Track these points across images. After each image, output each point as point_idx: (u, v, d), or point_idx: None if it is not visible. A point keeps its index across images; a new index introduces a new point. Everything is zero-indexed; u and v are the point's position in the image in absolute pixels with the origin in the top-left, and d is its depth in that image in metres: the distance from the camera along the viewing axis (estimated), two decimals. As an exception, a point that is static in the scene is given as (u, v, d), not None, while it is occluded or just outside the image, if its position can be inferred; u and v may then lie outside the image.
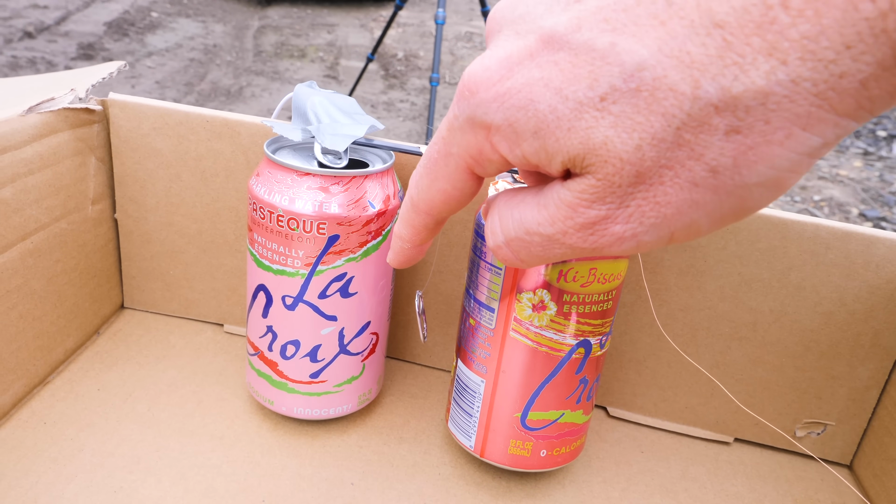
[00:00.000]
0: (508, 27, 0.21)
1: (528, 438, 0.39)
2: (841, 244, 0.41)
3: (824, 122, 0.16)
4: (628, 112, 0.18)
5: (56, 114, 0.42)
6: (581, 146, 0.19)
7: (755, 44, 0.16)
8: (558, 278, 0.35)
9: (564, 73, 0.19)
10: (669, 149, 0.18)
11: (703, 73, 0.17)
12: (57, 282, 0.44)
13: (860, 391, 0.44)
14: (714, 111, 0.17)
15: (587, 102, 0.18)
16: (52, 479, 0.37)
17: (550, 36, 0.19)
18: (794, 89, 0.16)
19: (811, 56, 0.15)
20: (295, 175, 0.37)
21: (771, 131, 0.17)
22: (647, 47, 0.17)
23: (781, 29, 0.16)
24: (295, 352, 0.40)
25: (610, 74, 0.18)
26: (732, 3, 0.16)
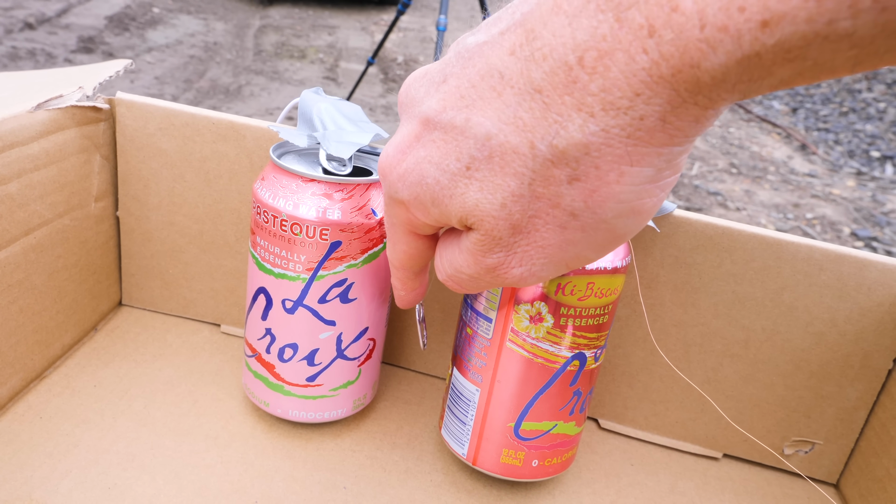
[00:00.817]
0: (404, 112, 0.24)
1: (520, 448, 0.39)
2: (834, 266, 0.41)
3: (647, 155, 0.19)
4: (488, 176, 0.21)
5: (64, 111, 0.42)
6: (461, 209, 0.22)
7: (567, 102, 0.18)
8: (556, 291, 0.35)
9: (440, 149, 0.22)
10: (530, 202, 0.20)
11: (534, 134, 0.19)
12: (57, 277, 0.44)
13: (848, 411, 0.45)
14: (552, 165, 0.19)
15: (458, 173, 0.21)
16: (47, 474, 0.37)
17: (427, 118, 0.22)
18: (607, 137, 0.18)
19: (611, 106, 0.18)
20: (300, 181, 0.37)
21: (604, 174, 0.19)
22: (489, 118, 0.20)
23: (583, 86, 0.18)
24: (293, 355, 0.40)
25: (469, 147, 0.21)
26: (544, 69, 0.18)
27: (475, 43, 0.21)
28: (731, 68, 0.16)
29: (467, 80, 0.21)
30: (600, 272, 0.36)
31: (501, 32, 0.20)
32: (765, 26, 0.15)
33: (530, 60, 0.19)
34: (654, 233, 0.43)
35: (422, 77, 0.24)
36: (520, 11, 0.20)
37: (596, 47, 0.17)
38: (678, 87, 0.17)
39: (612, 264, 0.36)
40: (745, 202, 2.43)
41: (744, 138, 3.16)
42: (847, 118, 3.44)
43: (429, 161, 0.22)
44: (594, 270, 0.35)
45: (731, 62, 0.16)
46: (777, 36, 0.15)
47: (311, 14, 4.61)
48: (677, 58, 0.16)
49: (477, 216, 0.22)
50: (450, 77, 0.22)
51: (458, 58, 0.22)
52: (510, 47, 0.20)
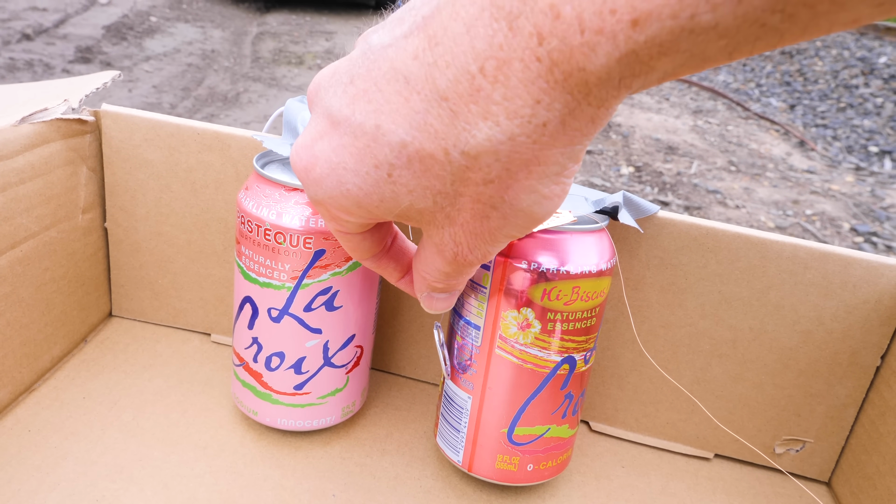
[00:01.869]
0: (313, 108, 0.24)
1: (514, 453, 0.39)
2: (819, 264, 0.41)
3: (551, 155, 0.20)
4: (413, 181, 0.21)
5: (49, 124, 0.43)
6: (397, 210, 0.23)
7: (474, 111, 0.19)
8: (542, 297, 0.36)
9: (353, 155, 0.22)
10: (455, 198, 0.21)
11: (446, 141, 0.20)
12: (45, 290, 0.44)
13: (838, 409, 0.45)
14: (466, 169, 0.20)
15: (380, 179, 0.22)
16: (35, 487, 0.37)
17: (333, 118, 0.22)
18: (514, 144, 0.19)
19: (514, 115, 0.18)
20: (283, 190, 0.37)
21: (514, 174, 0.20)
22: (400, 126, 0.20)
23: (487, 95, 0.18)
24: (280, 363, 0.40)
25: (385, 154, 0.21)
26: (448, 76, 0.19)
27: (379, 44, 0.21)
28: (613, 67, 0.17)
29: (373, 82, 0.21)
30: (585, 276, 0.36)
31: (405, 35, 0.20)
32: (635, 25, 0.16)
33: (434, 67, 0.19)
34: (639, 234, 0.43)
35: (330, 76, 0.24)
36: (420, 14, 0.20)
37: (494, 56, 0.18)
38: (572, 91, 0.18)
39: (597, 267, 0.36)
40: (745, 200, 2.42)
41: (742, 136, 3.16)
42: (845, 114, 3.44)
43: (344, 168, 0.22)
44: (579, 274, 0.35)
45: (612, 62, 0.17)
46: (647, 33, 0.16)
47: (308, 20, 4.61)
48: (566, 63, 0.17)
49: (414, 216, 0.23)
50: (356, 78, 0.22)
51: (364, 58, 0.22)
52: (413, 51, 0.20)
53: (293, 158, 0.25)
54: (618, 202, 0.39)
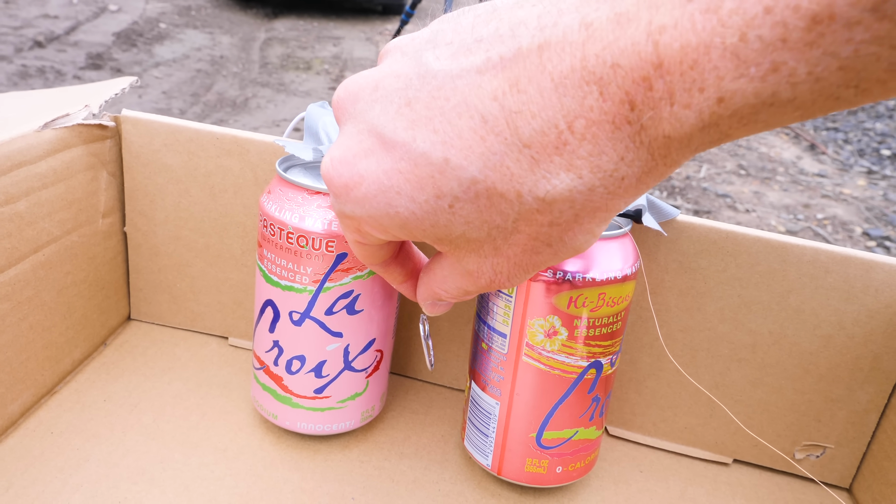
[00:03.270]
0: (351, 123, 0.24)
1: (543, 457, 0.39)
2: (840, 268, 0.41)
3: (618, 203, 0.21)
4: (474, 214, 0.22)
5: (70, 129, 0.43)
6: (446, 237, 0.23)
7: (556, 161, 0.20)
8: (569, 304, 0.36)
9: (411, 182, 0.22)
10: (512, 233, 0.22)
11: (522, 185, 0.20)
12: (67, 293, 0.44)
13: (859, 414, 0.44)
14: (536, 212, 0.21)
15: (438, 208, 0.22)
16: (58, 489, 0.37)
17: (388, 141, 0.22)
18: (591, 194, 0.20)
19: (598, 169, 0.20)
20: (305, 193, 0.37)
21: (580, 219, 0.21)
22: (473, 163, 0.21)
23: (573, 149, 0.19)
24: (300, 367, 0.40)
25: (451, 187, 0.21)
26: (533, 126, 0.19)
27: (444, 72, 0.21)
28: (695, 135, 0.18)
29: (439, 111, 0.21)
30: (611, 282, 0.36)
31: (478, 71, 0.20)
32: (720, 101, 0.17)
33: (517, 115, 0.20)
34: (659, 238, 0.43)
35: (372, 90, 0.23)
36: (497, 53, 0.20)
37: (584, 116, 0.19)
38: (653, 153, 0.19)
39: (622, 272, 0.36)
40: (755, 204, 2.42)
41: (752, 139, 3.15)
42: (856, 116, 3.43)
43: (398, 192, 0.22)
44: (605, 281, 0.35)
45: (695, 131, 0.18)
46: (731, 108, 0.17)
47: (315, 26, 4.63)
48: (653, 129, 0.19)
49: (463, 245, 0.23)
50: (415, 102, 0.22)
51: (424, 83, 0.22)
52: (492, 92, 0.20)
53: (328, 172, 0.24)
54: (641, 205, 0.39)
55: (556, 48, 0.19)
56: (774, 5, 0.15)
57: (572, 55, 0.19)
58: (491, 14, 0.21)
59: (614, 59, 0.18)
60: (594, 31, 0.18)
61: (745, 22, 0.16)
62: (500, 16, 0.21)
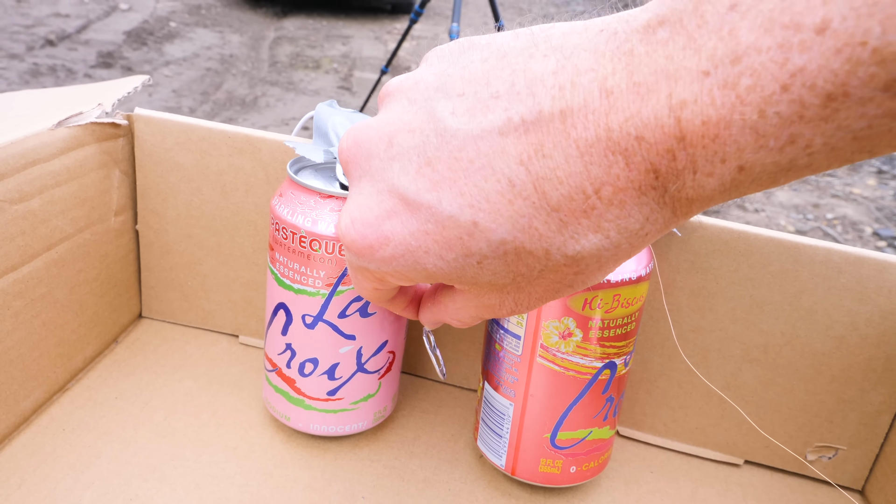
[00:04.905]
0: (367, 181, 0.24)
1: (557, 457, 0.39)
2: (853, 269, 0.41)
3: (639, 251, 0.22)
4: (501, 268, 0.22)
5: (83, 128, 0.43)
6: (473, 283, 0.23)
7: (584, 224, 0.20)
8: (583, 306, 0.36)
9: (439, 244, 0.22)
10: (537, 279, 0.23)
11: (551, 244, 0.21)
12: (79, 291, 0.45)
13: (872, 416, 0.44)
14: (563, 266, 0.22)
15: (466, 265, 0.22)
16: (70, 486, 0.38)
17: (412, 202, 0.22)
18: (618, 250, 0.21)
19: (624, 230, 0.20)
20: (318, 197, 0.37)
21: (604, 268, 0.22)
22: (502, 226, 0.21)
23: (600, 213, 0.20)
24: (313, 369, 0.40)
25: (479, 247, 0.22)
26: (561, 192, 0.20)
27: (465, 133, 0.21)
28: (715, 196, 0.19)
29: (464, 175, 0.21)
30: (625, 283, 0.36)
31: (500, 132, 0.20)
32: (741, 170, 0.18)
33: (545, 180, 0.20)
34: (671, 238, 0.42)
35: (387, 146, 0.23)
36: (518, 114, 0.20)
37: (611, 184, 0.19)
38: (676, 210, 0.20)
39: (636, 273, 0.36)
40: (764, 203, 2.41)
41: (761, 140, 3.13)
42: (866, 118, 3.40)
43: (426, 252, 0.22)
44: (620, 282, 0.35)
45: (716, 193, 0.19)
46: (752, 176, 0.18)
47: (324, 24, 4.64)
48: (677, 193, 0.20)
49: (488, 288, 0.24)
50: (435, 162, 0.21)
51: (442, 141, 0.21)
52: (517, 156, 0.20)
53: (349, 233, 0.24)
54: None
55: (578, 115, 0.19)
56: (791, 83, 0.16)
57: (596, 124, 0.19)
58: (501, 62, 0.21)
59: (638, 132, 0.18)
60: (615, 101, 0.19)
61: (762, 99, 0.16)
62: (513, 67, 0.21)
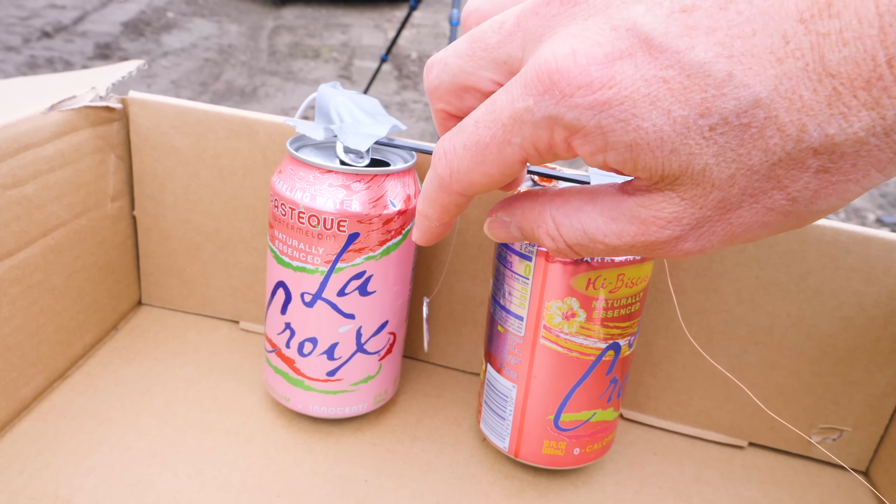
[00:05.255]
0: (600, 16, 0.20)
1: (561, 439, 0.39)
2: (861, 249, 0.40)
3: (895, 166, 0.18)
4: (733, 145, 0.19)
5: (77, 112, 0.42)
6: (679, 169, 0.19)
7: (861, 97, 0.17)
8: (587, 286, 0.35)
9: (675, 94, 0.19)
10: (760, 180, 0.19)
11: (812, 119, 0.18)
12: (77, 277, 0.44)
13: (878, 397, 0.44)
14: (812, 153, 0.18)
15: (695, 129, 0.19)
16: (72, 472, 0.37)
17: (661, 47, 0.19)
18: (886, 140, 0.18)
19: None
20: (317, 172, 0.37)
21: (854, 172, 0.18)
22: (763, 84, 0.18)
23: (886, 86, 0.17)
24: (312, 349, 0.40)
25: (723, 107, 0.18)
26: (844, 54, 0.17)
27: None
28: None
29: (729, 26, 0.18)
30: (630, 263, 0.35)
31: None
32: None
33: (825, 38, 0.17)
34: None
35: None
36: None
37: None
38: None
39: None
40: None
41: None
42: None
43: (653, 102, 0.19)
44: (624, 262, 0.35)
45: None
46: None
47: (323, 13, 4.62)
48: None
49: (695, 180, 0.19)
50: (694, 10, 0.18)
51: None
52: (798, 13, 0.17)
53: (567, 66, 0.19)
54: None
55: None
56: None
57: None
58: None
59: None
60: None
61: None
62: None
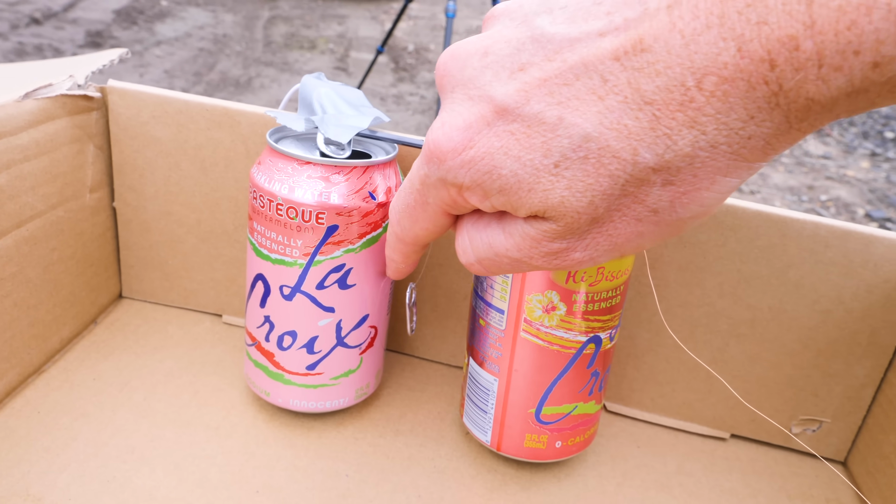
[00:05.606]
0: (460, 90, 0.23)
1: (543, 432, 0.39)
2: (840, 243, 0.40)
3: (741, 168, 0.20)
4: (579, 176, 0.21)
5: (54, 100, 0.42)
6: (541, 204, 0.22)
7: (679, 118, 0.19)
8: (567, 279, 0.35)
9: (520, 143, 0.21)
10: (617, 199, 0.21)
11: (640, 143, 0.20)
12: (53, 270, 0.44)
13: (856, 389, 0.44)
14: (651, 171, 0.20)
15: (543, 169, 0.21)
16: (45, 469, 0.37)
17: (503, 107, 0.22)
18: (714, 152, 0.19)
19: (724, 126, 0.19)
20: (296, 164, 0.37)
21: (699, 181, 0.20)
22: (589, 121, 0.20)
23: (699, 107, 0.19)
24: (292, 343, 0.40)
25: (561, 146, 0.21)
26: (657, 83, 0.19)
27: (561, 35, 0.21)
28: (841, 100, 0.17)
29: (557, 75, 0.21)
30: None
31: (600, 34, 0.20)
32: (875, 67, 0.16)
33: (640, 72, 0.19)
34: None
35: (482, 55, 0.23)
36: (621, 16, 0.20)
37: (717, 73, 0.18)
38: (789, 115, 0.18)
39: None
40: (759, 185, 2.40)
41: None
42: (862, 95, 3.39)
43: (505, 153, 0.22)
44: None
45: (841, 95, 0.17)
46: (887, 75, 0.16)
47: (320, 4, 4.59)
48: (794, 92, 0.18)
49: (559, 211, 0.22)
50: (529, 67, 0.21)
51: (538, 46, 0.21)
52: (613, 52, 0.20)
53: (438, 138, 0.24)
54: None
55: (688, 5, 0.18)
56: None
57: (708, 12, 0.18)
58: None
59: (760, 17, 0.17)
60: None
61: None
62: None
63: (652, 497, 0.41)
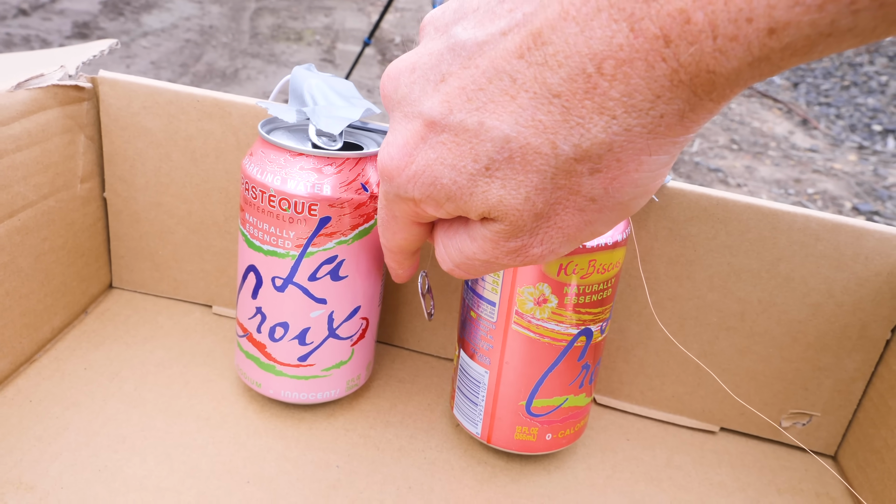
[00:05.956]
0: (397, 109, 0.24)
1: (533, 424, 0.39)
2: (830, 236, 0.41)
3: (664, 145, 0.20)
4: (510, 175, 0.21)
5: (45, 90, 0.42)
6: (483, 205, 0.23)
7: (588, 106, 0.19)
8: (558, 272, 0.35)
9: (452, 151, 0.22)
10: (552, 192, 0.22)
11: (556, 135, 0.20)
12: (44, 260, 0.43)
13: (846, 382, 0.44)
14: (574, 162, 0.21)
15: (476, 173, 0.22)
16: (37, 457, 0.37)
17: (431, 120, 0.23)
18: (630, 135, 0.19)
19: (633, 108, 0.19)
20: (288, 155, 0.36)
21: (624, 165, 0.20)
22: (505, 122, 0.21)
23: (604, 92, 0.19)
24: (283, 334, 0.39)
25: (486, 150, 0.21)
26: (560, 75, 0.19)
27: (471, 40, 0.21)
28: (744, 70, 0.17)
29: (472, 81, 0.21)
30: (601, 248, 0.35)
31: (503, 33, 0.20)
32: (772, 33, 0.16)
33: (544, 66, 0.19)
34: (650, 204, 0.42)
35: (410, 72, 0.24)
36: (520, 11, 0.20)
37: (613, 56, 0.18)
38: (696, 89, 0.18)
39: (613, 239, 0.36)
40: (746, 178, 2.41)
41: (744, 114, 3.14)
42: (849, 92, 3.42)
43: (441, 163, 0.23)
44: (595, 247, 0.35)
45: (743, 65, 0.17)
46: (784, 41, 0.16)
47: (307, -5, 4.56)
48: (693, 66, 0.18)
49: (501, 210, 0.23)
50: (449, 77, 0.22)
51: (455, 55, 0.22)
52: (517, 50, 0.20)
53: (384, 161, 0.25)
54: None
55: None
56: None
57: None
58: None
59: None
60: None
61: None
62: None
63: (641, 489, 0.42)
